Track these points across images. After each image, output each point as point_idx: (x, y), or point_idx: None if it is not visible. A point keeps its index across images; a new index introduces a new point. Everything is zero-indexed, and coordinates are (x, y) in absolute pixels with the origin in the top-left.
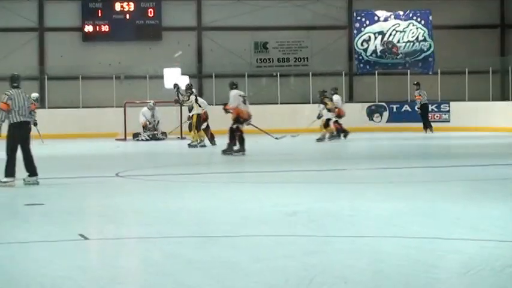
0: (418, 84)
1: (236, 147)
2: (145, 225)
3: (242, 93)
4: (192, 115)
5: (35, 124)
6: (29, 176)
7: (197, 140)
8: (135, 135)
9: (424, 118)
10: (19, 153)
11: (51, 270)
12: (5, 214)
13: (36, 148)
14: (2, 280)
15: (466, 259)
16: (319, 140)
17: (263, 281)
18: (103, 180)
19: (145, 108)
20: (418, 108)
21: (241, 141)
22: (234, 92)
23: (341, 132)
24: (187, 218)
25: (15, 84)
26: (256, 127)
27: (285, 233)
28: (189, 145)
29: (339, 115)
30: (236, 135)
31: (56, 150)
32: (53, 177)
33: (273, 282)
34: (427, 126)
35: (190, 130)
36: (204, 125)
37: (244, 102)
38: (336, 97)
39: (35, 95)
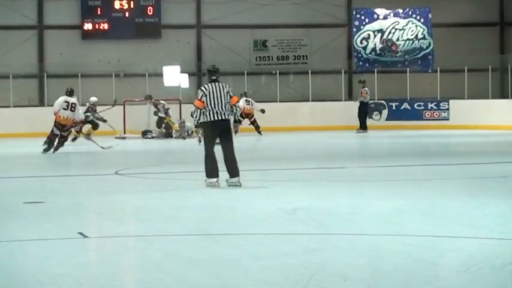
0: (364, 81)
1: None
2: (145, 223)
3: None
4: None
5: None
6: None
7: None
8: (145, 133)
9: (363, 117)
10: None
11: (50, 268)
12: (4, 212)
13: (35, 146)
14: (1, 278)
15: (465, 257)
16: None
17: (263, 279)
18: (102, 178)
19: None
20: (359, 102)
21: None
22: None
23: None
24: (187, 216)
25: (213, 78)
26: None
27: (284, 231)
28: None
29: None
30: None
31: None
32: (52, 175)
33: (272, 280)
34: (363, 126)
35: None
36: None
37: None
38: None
39: (93, 99)
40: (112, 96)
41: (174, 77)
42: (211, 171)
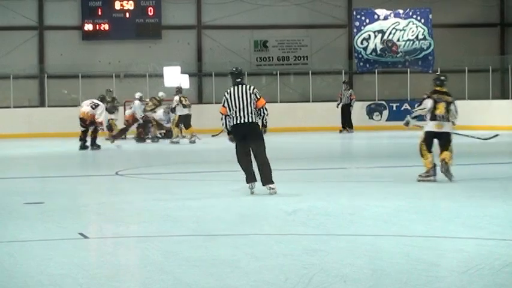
0: (348, 83)
1: None
2: (145, 223)
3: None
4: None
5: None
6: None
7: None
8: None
9: (348, 117)
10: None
11: (50, 269)
12: (5, 213)
13: (36, 147)
14: (2, 278)
15: (465, 257)
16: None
17: (262, 280)
18: (103, 178)
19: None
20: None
21: None
22: None
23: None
24: (187, 217)
25: (237, 80)
26: None
27: (284, 231)
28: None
29: None
30: None
31: (55, 148)
32: (52, 175)
33: (272, 281)
34: (350, 125)
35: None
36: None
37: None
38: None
39: (162, 94)
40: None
41: (175, 77)
42: (246, 175)
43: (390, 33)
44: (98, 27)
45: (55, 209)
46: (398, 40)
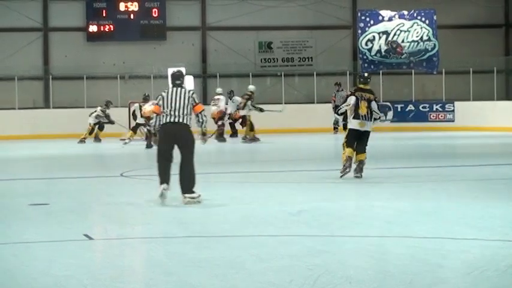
0: (340, 84)
1: None
2: (149, 224)
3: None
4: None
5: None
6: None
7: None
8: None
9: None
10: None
11: (55, 270)
12: (10, 214)
13: (40, 148)
14: (7, 279)
15: (470, 259)
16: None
17: (267, 281)
18: (108, 180)
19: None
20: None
21: None
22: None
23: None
24: (191, 218)
25: (177, 82)
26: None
27: (289, 232)
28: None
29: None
30: None
31: (60, 150)
32: (57, 177)
33: (277, 282)
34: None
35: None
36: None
37: None
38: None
39: (251, 87)
40: (117, 98)
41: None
42: (161, 177)
43: (395, 35)
44: (102, 29)
45: (60, 210)
46: (402, 41)
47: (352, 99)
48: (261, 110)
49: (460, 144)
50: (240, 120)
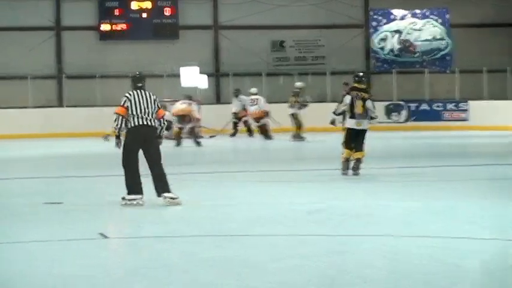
0: (348, 84)
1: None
2: (163, 224)
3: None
4: None
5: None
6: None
7: None
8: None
9: None
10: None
11: (70, 269)
12: (24, 213)
13: (54, 147)
14: (21, 278)
15: (486, 258)
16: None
17: (280, 281)
18: (121, 178)
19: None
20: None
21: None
22: None
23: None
24: (205, 217)
25: (139, 85)
26: None
27: (304, 232)
28: None
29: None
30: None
31: (74, 149)
32: (71, 175)
33: (290, 282)
34: None
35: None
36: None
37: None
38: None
39: (299, 84)
40: None
41: (192, 77)
42: (133, 186)
43: (407, 33)
44: (115, 28)
45: (74, 209)
46: (415, 40)
47: (347, 99)
48: (306, 103)
49: (473, 144)
50: (244, 120)
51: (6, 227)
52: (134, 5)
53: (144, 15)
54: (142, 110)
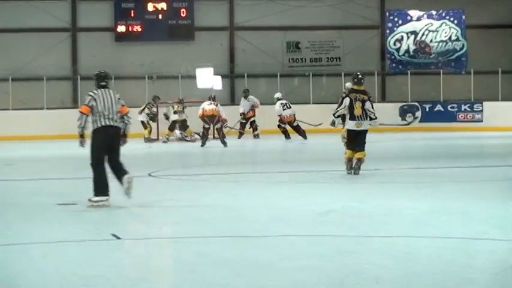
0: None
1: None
2: (177, 224)
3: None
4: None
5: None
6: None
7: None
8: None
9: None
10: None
11: (83, 270)
12: (38, 214)
13: (68, 148)
14: (36, 279)
15: (497, 259)
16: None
17: (294, 281)
18: (135, 179)
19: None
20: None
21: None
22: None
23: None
24: (219, 218)
25: (102, 84)
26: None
27: (316, 232)
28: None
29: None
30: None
31: (88, 150)
32: (85, 176)
33: (304, 282)
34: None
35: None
36: (217, 125)
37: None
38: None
39: (349, 84)
40: (145, 98)
41: (207, 79)
42: (101, 187)
43: (423, 34)
44: (130, 29)
45: (87, 210)
46: (431, 41)
47: (347, 101)
48: None
49: (488, 145)
50: (252, 119)
51: (20, 228)
52: (150, 6)
53: (160, 16)
54: (108, 110)
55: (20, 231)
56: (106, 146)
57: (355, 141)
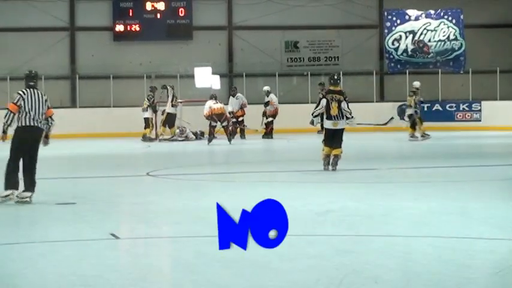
0: (324, 84)
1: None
2: (176, 224)
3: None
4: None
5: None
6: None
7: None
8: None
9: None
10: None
11: (82, 269)
12: (37, 213)
13: (67, 148)
14: (34, 278)
15: (497, 259)
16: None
17: (293, 280)
18: (134, 179)
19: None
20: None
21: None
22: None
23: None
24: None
25: (31, 84)
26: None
27: (315, 232)
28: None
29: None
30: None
31: (87, 149)
32: (84, 176)
33: (303, 282)
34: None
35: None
36: (224, 123)
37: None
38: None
39: (417, 83)
40: (144, 97)
41: (206, 78)
42: (10, 180)
43: (421, 34)
44: (129, 28)
45: (87, 209)
46: (429, 41)
47: (323, 102)
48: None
49: (486, 144)
50: (241, 118)
51: (19, 227)
52: (148, 6)
53: (158, 15)
54: (34, 110)
55: (19, 230)
56: (26, 146)
57: (332, 139)
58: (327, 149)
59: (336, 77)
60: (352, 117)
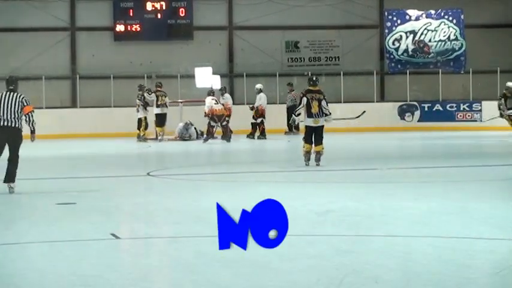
0: (292, 84)
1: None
2: (176, 224)
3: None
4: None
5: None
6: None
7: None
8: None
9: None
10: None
11: (82, 269)
12: (37, 213)
13: (67, 148)
14: (35, 279)
15: (497, 259)
16: None
17: (293, 281)
18: (134, 179)
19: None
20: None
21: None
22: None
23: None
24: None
25: (10, 88)
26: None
27: (316, 232)
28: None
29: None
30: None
31: (87, 149)
32: (84, 176)
33: (303, 282)
34: (296, 127)
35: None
36: (224, 123)
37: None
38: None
39: (510, 83)
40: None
41: (206, 78)
42: None
43: (422, 34)
44: (129, 28)
45: (87, 209)
46: (430, 41)
47: (304, 101)
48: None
49: (487, 144)
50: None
51: (19, 227)
52: (149, 6)
53: (159, 15)
54: (3, 111)
55: (19, 230)
56: (2, 143)
57: (315, 135)
58: (307, 146)
59: (314, 79)
60: (330, 113)
